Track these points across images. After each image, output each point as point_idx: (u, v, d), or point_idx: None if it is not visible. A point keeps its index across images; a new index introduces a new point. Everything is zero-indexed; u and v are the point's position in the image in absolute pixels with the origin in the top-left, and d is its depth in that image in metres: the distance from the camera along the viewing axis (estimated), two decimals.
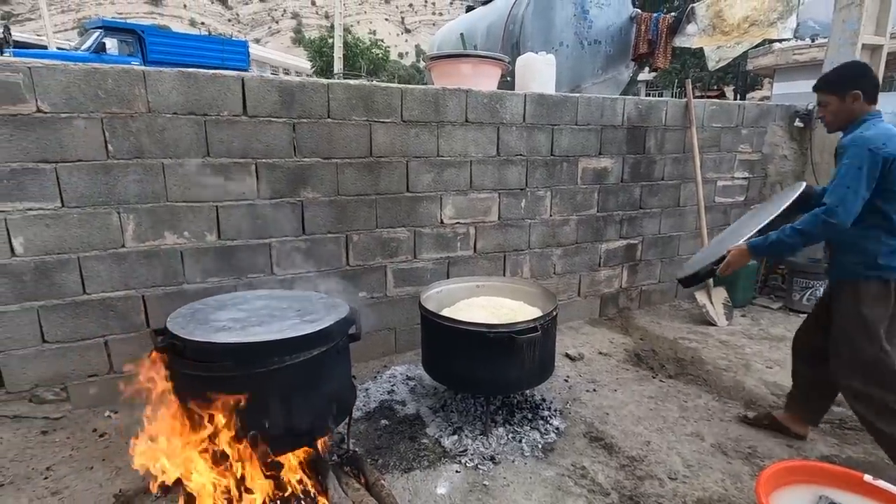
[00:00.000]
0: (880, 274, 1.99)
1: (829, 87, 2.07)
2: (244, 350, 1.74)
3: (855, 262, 2.03)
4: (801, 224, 1.98)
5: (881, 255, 1.97)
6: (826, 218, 1.90)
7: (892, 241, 1.97)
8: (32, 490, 2.04)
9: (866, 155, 1.88)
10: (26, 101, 2.22)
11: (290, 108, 2.73)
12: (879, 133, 1.92)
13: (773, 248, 2.06)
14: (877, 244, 1.98)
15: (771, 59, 14.57)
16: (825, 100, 2.08)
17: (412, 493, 2.10)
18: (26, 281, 2.35)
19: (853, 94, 2.00)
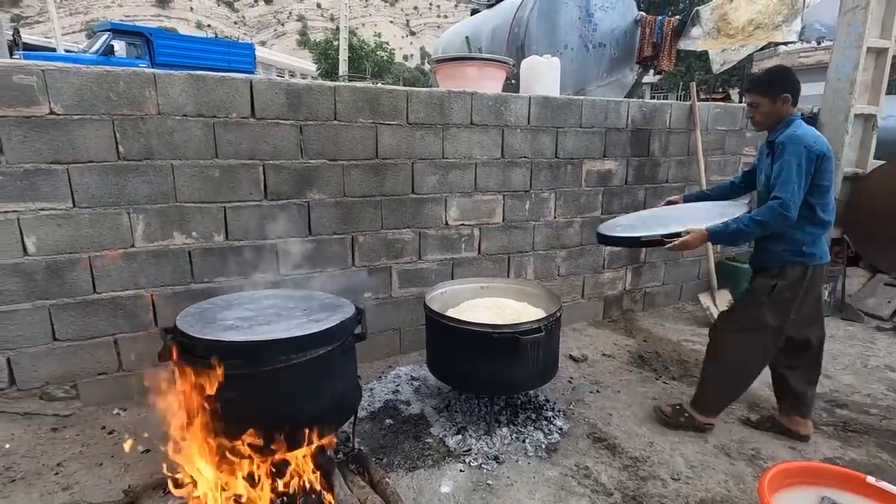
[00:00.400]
0: (804, 260, 2.20)
1: (762, 90, 2.21)
2: (252, 348, 1.77)
3: (784, 250, 2.20)
4: (759, 215, 2.08)
5: (806, 243, 2.18)
6: (782, 211, 2.03)
7: (814, 231, 2.18)
8: (43, 485, 2.07)
9: (804, 153, 2.04)
10: (39, 103, 2.26)
11: (297, 110, 2.76)
12: (808, 132, 2.13)
13: (732, 235, 2.16)
14: (802, 234, 2.16)
15: (776, 61, 14.56)
16: (758, 101, 2.22)
17: (416, 491, 2.12)
18: (38, 280, 2.39)
19: (783, 97, 2.17)
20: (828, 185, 2.15)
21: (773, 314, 2.25)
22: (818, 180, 2.11)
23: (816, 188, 2.13)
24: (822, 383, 3.10)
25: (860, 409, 2.85)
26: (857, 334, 3.87)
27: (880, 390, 3.05)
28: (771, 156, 2.21)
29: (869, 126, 4.42)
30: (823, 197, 2.16)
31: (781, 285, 2.23)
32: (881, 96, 4.33)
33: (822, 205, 2.16)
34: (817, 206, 2.15)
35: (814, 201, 2.14)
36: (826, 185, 2.14)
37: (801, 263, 2.20)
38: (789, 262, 2.21)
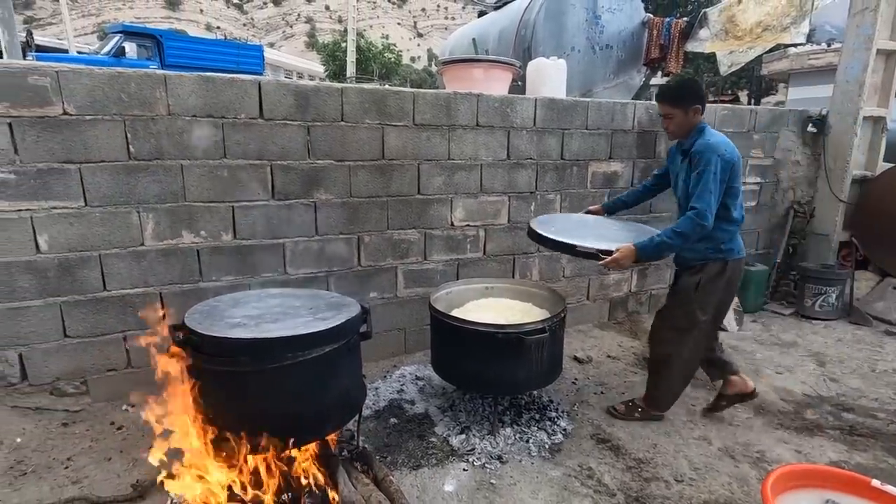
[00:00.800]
0: (723, 256, 2.36)
1: (675, 102, 2.32)
2: (258, 346, 1.80)
3: (706, 248, 2.35)
4: (679, 227, 2.21)
5: (724, 241, 2.35)
6: (700, 221, 2.17)
7: (730, 228, 2.35)
8: (54, 479, 2.11)
9: (718, 161, 2.18)
10: (53, 103, 2.30)
11: (304, 111, 2.79)
12: (720, 140, 2.27)
13: (658, 249, 2.26)
14: (721, 232, 2.32)
15: (786, 63, 14.43)
16: (671, 112, 2.34)
17: (420, 489, 2.14)
18: (50, 277, 2.44)
19: (695, 108, 2.30)
20: (738, 187, 2.33)
21: (701, 310, 2.40)
22: (731, 183, 2.27)
23: (730, 190, 2.28)
24: (828, 387, 3.11)
25: (867, 413, 2.83)
26: (865, 338, 3.84)
27: (888, 394, 3.02)
28: (687, 163, 2.34)
29: (878, 129, 4.39)
30: (736, 198, 2.33)
31: (704, 280, 2.37)
32: (891, 99, 4.30)
33: (735, 205, 2.34)
34: (731, 206, 2.32)
35: (728, 202, 2.30)
36: (737, 187, 2.32)
37: (720, 259, 2.36)
38: (710, 259, 2.37)
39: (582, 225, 2.75)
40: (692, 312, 2.42)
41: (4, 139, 2.25)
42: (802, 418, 2.77)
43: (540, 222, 2.64)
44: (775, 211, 4.75)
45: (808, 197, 4.74)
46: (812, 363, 3.43)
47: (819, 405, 2.91)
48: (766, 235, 4.79)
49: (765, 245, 4.79)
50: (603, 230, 2.64)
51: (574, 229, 2.58)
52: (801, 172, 4.69)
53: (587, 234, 2.50)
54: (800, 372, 3.30)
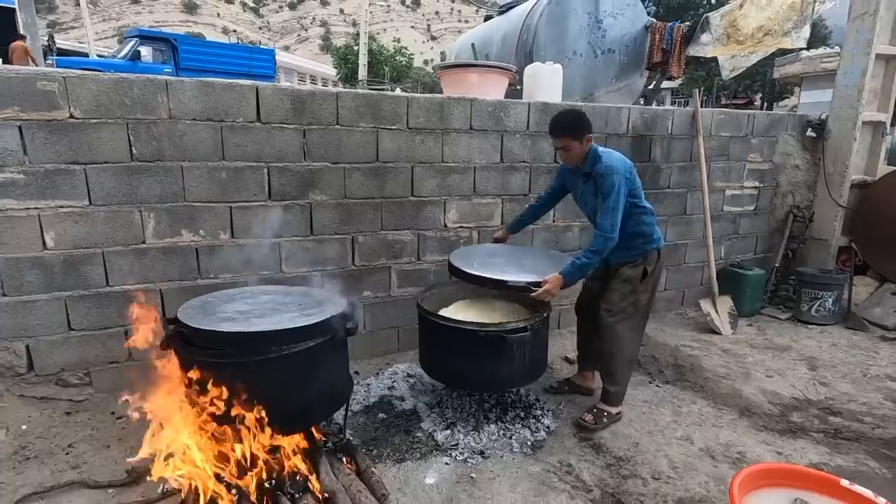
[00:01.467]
0: (655, 245, 2.61)
1: (570, 134, 2.45)
2: (243, 339, 1.89)
3: (642, 243, 2.58)
4: (593, 247, 2.40)
5: (653, 232, 2.60)
6: (608, 237, 2.37)
7: (651, 220, 2.59)
8: (55, 464, 2.22)
9: (620, 180, 2.38)
10: (60, 107, 2.43)
11: (301, 115, 2.89)
12: (616, 159, 2.47)
13: (582, 270, 2.42)
14: (646, 226, 2.57)
15: (798, 67, 14.30)
16: (568, 144, 2.47)
17: (402, 481, 2.21)
18: (56, 272, 2.56)
19: (587, 136, 2.46)
20: (639, 187, 2.55)
21: (644, 295, 2.64)
22: (634, 189, 2.50)
23: (636, 192, 2.52)
24: (817, 391, 3.12)
25: (854, 417, 2.83)
26: (860, 343, 3.82)
27: (878, 399, 3.02)
28: (591, 184, 2.51)
29: (878, 133, 4.37)
30: (641, 196, 2.56)
31: (648, 270, 2.60)
32: (891, 103, 4.28)
33: (643, 201, 2.57)
34: (642, 204, 2.55)
35: (638, 202, 2.53)
36: (638, 188, 2.54)
37: (654, 248, 2.62)
38: (648, 250, 2.60)
39: (499, 255, 2.82)
40: (639, 300, 2.63)
41: (14, 141, 2.38)
42: (788, 421, 2.79)
43: (460, 258, 2.69)
44: (774, 215, 4.74)
45: (808, 201, 4.73)
46: (804, 367, 3.44)
47: (806, 408, 2.92)
48: (766, 239, 4.79)
49: (763, 249, 4.79)
50: (522, 260, 2.74)
51: (496, 263, 2.65)
52: (800, 177, 4.68)
53: (509, 267, 2.59)
54: (790, 375, 3.31)
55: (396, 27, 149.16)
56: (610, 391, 2.68)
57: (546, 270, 2.44)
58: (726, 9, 5.30)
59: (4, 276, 2.47)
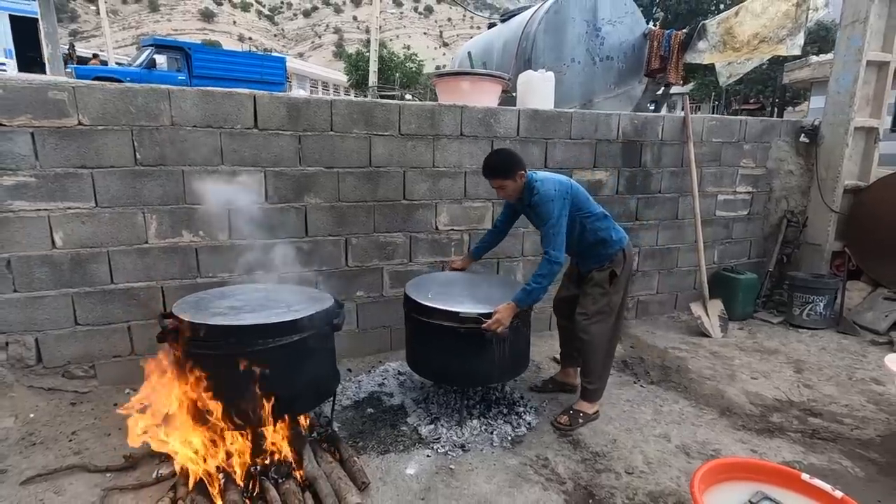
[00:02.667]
0: (619, 246, 2.68)
1: (503, 175, 2.56)
2: (233, 332, 2.02)
3: (604, 249, 2.67)
4: (541, 271, 2.46)
5: (611, 235, 2.67)
6: (554, 261, 2.46)
7: (607, 223, 2.68)
8: (58, 449, 2.36)
9: (555, 206, 2.47)
10: (70, 115, 2.59)
11: (296, 122, 3.03)
12: (548, 184, 2.53)
13: (532, 295, 2.46)
14: (604, 232, 2.65)
15: (807, 72, 14.17)
16: (502, 184, 2.58)
17: (384, 471, 2.31)
18: (64, 270, 2.72)
19: (520, 173, 2.55)
20: (585, 197, 2.65)
21: (617, 295, 2.71)
22: (578, 208, 2.59)
23: (582, 205, 2.61)
24: (800, 393, 3.16)
25: (834, 418, 2.88)
26: (849, 347, 3.85)
27: (860, 401, 3.06)
28: (533, 213, 2.62)
29: (871, 139, 4.39)
30: (589, 205, 2.64)
31: (617, 272, 2.67)
32: (883, 109, 4.31)
33: (593, 209, 2.65)
34: (592, 215, 2.64)
35: (588, 212, 2.63)
36: (584, 198, 2.64)
37: (618, 249, 2.68)
38: (611, 253, 2.67)
39: (455, 285, 2.87)
40: (611, 301, 2.69)
41: (27, 146, 2.54)
42: (767, 421, 2.84)
43: (415, 288, 2.73)
44: (768, 220, 4.78)
45: (802, 207, 4.75)
46: (790, 370, 3.47)
47: (787, 410, 2.97)
48: (760, 244, 4.82)
49: (758, 254, 4.83)
50: (478, 290, 2.77)
51: (451, 293, 2.69)
52: (794, 182, 4.71)
53: (464, 297, 2.63)
54: (775, 378, 3.35)
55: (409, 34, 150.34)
56: (588, 389, 2.76)
57: (501, 300, 2.47)
58: (722, 16, 5.36)
59: (16, 273, 2.64)
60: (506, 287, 2.85)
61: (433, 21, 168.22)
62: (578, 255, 2.81)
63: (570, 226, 2.58)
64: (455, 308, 2.48)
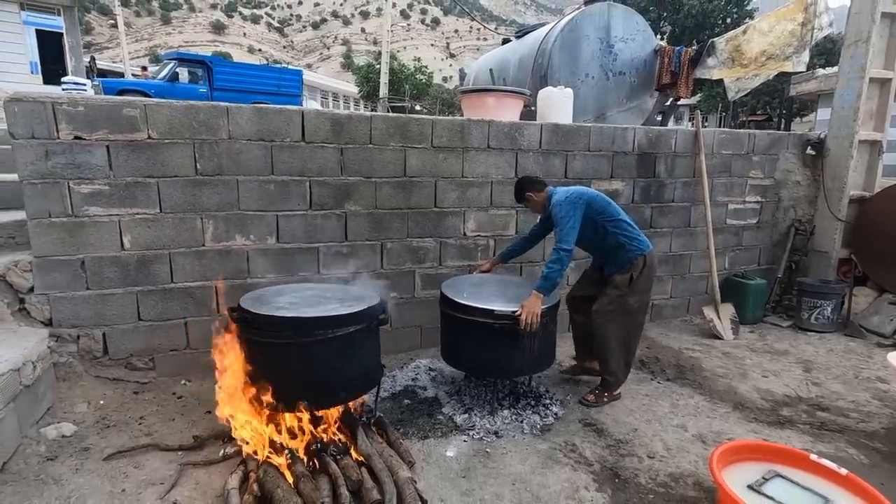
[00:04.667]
0: (642, 252, 2.91)
1: (523, 192, 3.06)
2: (298, 323, 2.26)
3: (626, 253, 2.91)
4: (552, 259, 2.71)
5: (634, 241, 2.92)
6: (562, 248, 2.72)
7: (630, 231, 2.94)
8: (131, 431, 2.61)
9: (565, 208, 2.78)
10: (141, 130, 2.87)
11: (339, 135, 3.30)
12: (561, 194, 2.88)
13: (550, 281, 2.70)
14: (626, 239, 2.91)
15: (814, 84, 14.35)
16: (528, 198, 3.05)
17: (426, 454, 2.53)
18: (130, 270, 2.98)
19: (536, 189, 3.03)
20: (604, 206, 2.92)
21: (633, 297, 2.95)
22: (599, 212, 2.88)
23: (603, 213, 2.90)
24: (809, 389, 3.36)
25: (841, 412, 3.07)
26: (856, 349, 4.03)
27: (865, 398, 3.25)
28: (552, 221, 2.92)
29: (875, 151, 4.61)
30: (609, 212, 2.92)
31: (636, 275, 2.90)
32: (886, 123, 4.53)
33: (615, 217, 2.93)
34: (614, 220, 2.92)
35: (611, 216, 2.92)
36: (604, 203, 2.93)
37: (639, 255, 2.91)
38: (633, 258, 2.90)
39: (486, 286, 3.12)
40: (626, 302, 2.95)
41: (103, 158, 2.82)
42: (777, 414, 3.03)
43: (451, 289, 2.96)
44: (777, 228, 4.99)
45: (809, 215, 4.96)
46: (799, 369, 3.67)
47: (796, 405, 3.16)
48: (769, 251, 5.03)
49: (767, 260, 5.03)
50: (507, 290, 3.01)
51: (483, 293, 2.92)
52: (801, 192, 4.93)
53: (495, 297, 2.86)
54: (785, 376, 3.55)
55: (416, 45, 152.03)
56: (608, 380, 3.03)
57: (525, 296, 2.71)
58: (731, 34, 5.62)
59: (89, 273, 2.90)
60: (531, 287, 3.07)
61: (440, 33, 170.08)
62: (603, 259, 3.07)
63: (594, 229, 2.89)
64: (490, 306, 2.71)
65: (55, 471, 2.26)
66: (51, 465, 2.29)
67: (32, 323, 2.85)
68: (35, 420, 2.51)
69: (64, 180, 2.78)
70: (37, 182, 2.74)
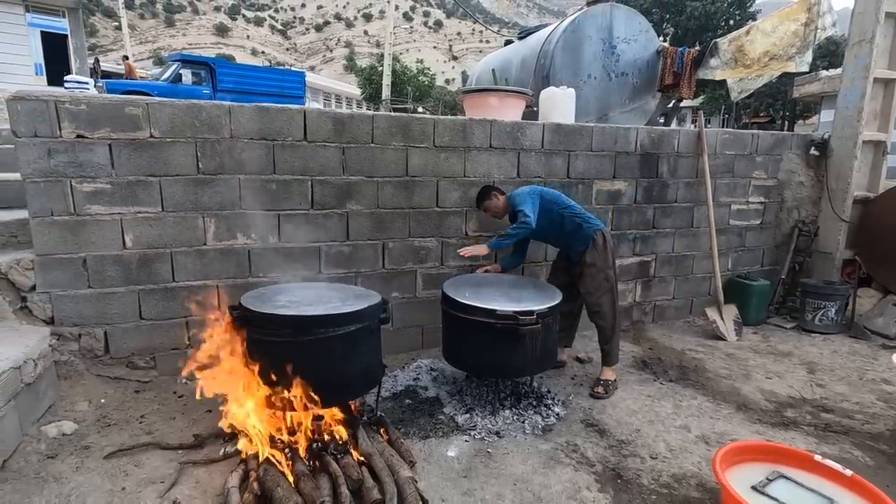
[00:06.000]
0: (595, 227, 3.19)
1: (484, 199, 3.29)
2: (298, 321, 2.26)
3: (583, 233, 3.18)
4: (515, 226, 3.07)
5: (585, 223, 3.18)
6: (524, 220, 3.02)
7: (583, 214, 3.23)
8: (131, 430, 2.60)
9: (522, 197, 3.13)
10: (143, 128, 2.87)
11: (341, 134, 3.30)
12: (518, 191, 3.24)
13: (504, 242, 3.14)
14: (580, 219, 3.19)
15: (818, 86, 14.38)
16: (487, 206, 3.29)
17: (427, 453, 2.52)
18: (132, 269, 2.98)
19: (494, 193, 3.28)
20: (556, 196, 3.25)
21: (609, 270, 3.21)
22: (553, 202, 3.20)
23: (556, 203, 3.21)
24: (813, 391, 3.34)
25: (845, 414, 3.04)
26: (860, 351, 4.00)
27: (870, 399, 3.22)
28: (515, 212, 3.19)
29: (879, 152, 4.58)
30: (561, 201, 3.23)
31: (601, 250, 3.17)
32: (890, 124, 4.50)
33: (567, 204, 3.24)
34: (566, 207, 3.22)
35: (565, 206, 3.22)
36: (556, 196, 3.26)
37: (596, 228, 3.19)
38: (590, 234, 3.17)
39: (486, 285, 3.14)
40: (607, 275, 3.19)
41: (105, 157, 2.82)
42: (781, 416, 3.01)
43: (453, 288, 2.99)
44: (780, 229, 4.97)
45: (813, 216, 4.94)
46: (803, 370, 3.64)
47: (801, 406, 3.14)
48: (772, 252, 5.00)
49: (770, 261, 5.00)
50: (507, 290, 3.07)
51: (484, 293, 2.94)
52: (805, 193, 4.90)
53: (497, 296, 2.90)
54: (789, 377, 3.52)
55: (419, 47, 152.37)
56: (608, 352, 3.30)
57: (531, 298, 2.84)
58: (733, 35, 5.61)
59: (91, 271, 2.90)
60: (532, 286, 3.10)
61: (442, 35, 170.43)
62: (566, 243, 3.31)
63: (551, 218, 3.18)
64: (492, 306, 2.70)
65: (55, 469, 2.25)
66: (51, 463, 2.29)
67: (34, 321, 2.85)
68: (36, 418, 2.50)
69: (66, 179, 2.78)
70: (39, 180, 2.74)
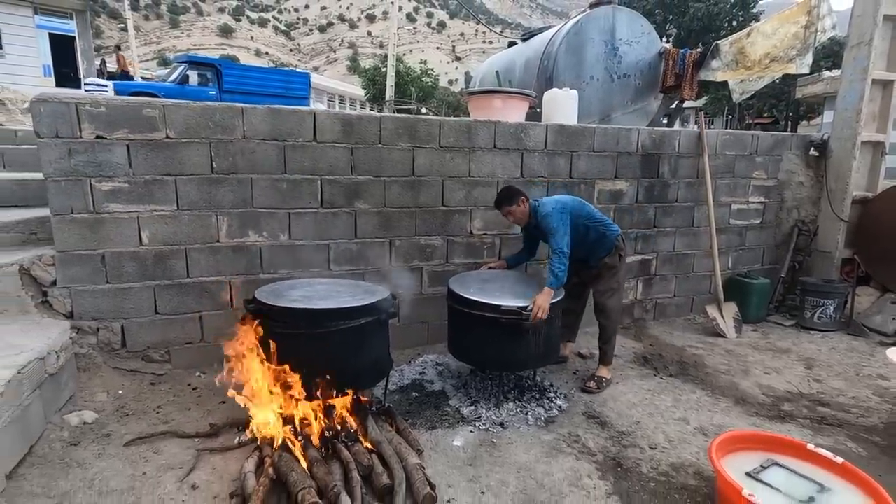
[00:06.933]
0: (615, 233, 3.26)
1: (509, 204, 3.14)
2: (312, 315, 2.35)
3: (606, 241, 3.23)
4: (556, 262, 2.91)
5: (608, 230, 3.24)
6: (561, 252, 2.93)
7: (605, 221, 3.26)
8: (149, 419, 2.70)
9: (555, 218, 3.00)
10: (159, 129, 2.97)
11: (349, 135, 3.39)
12: (548, 204, 3.08)
13: (560, 280, 2.90)
14: (604, 227, 3.22)
15: (820, 87, 14.36)
16: (509, 210, 3.15)
17: (434, 443, 2.61)
18: (148, 265, 3.08)
19: (521, 199, 3.14)
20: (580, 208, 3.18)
21: (621, 273, 3.35)
22: (577, 216, 3.13)
23: (580, 216, 3.15)
24: (810, 386, 3.41)
25: (841, 408, 3.12)
26: (858, 348, 4.07)
27: (866, 394, 3.29)
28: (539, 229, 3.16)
29: (878, 153, 4.65)
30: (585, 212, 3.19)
31: (623, 254, 3.30)
32: (889, 125, 4.57)
33: (591, 215, 3.23)
34: (590, 217, 3.21)
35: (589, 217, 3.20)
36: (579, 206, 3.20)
37: (617, 235, 3.28)
38: (612, 240, 3.25)
39: (491, 282, 3.19)
40: (620, 277, 3.34)
41: (123, 157, 2.93)
42: (778, 409, 3.09)
43: (458, 284, 3.06)
44: (780, 228, 5.04)
45: (813, 216, 5.01)
46: (801, 366, 3.72)
47: (797, 400, 3.22)
48: (772, 251, 5.07)
49: (770, 260, 5.08)
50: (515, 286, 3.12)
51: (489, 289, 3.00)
52: (804, 193, 4.97)
53: (502, 293, 2.95)
54: (787, 373, 3.60)
55: (422, 48, 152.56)
56: (606, 351, 3.39)
57: (534, 294, 2.83)
58: (735, 37, 5.68)
59: (109, 267, 3.01)
60: (536, 283, 3.16)
61: (446, 36, 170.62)
62: (589, 250, 3.28)
63: (576, 229, 3.09)
64: (497, 301, 2.79)
65: (78, 455, 2.35)
66: (74, 450, 2.39)
67: (54, 315, 2.95)
68: (58, 407, 2.61)
69: (86, 178, 2.89)
70: (60, 179, 2.85)
